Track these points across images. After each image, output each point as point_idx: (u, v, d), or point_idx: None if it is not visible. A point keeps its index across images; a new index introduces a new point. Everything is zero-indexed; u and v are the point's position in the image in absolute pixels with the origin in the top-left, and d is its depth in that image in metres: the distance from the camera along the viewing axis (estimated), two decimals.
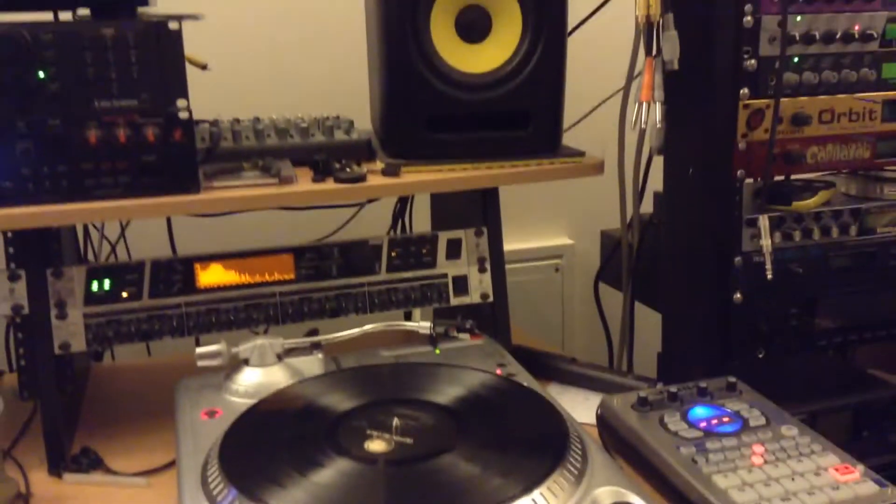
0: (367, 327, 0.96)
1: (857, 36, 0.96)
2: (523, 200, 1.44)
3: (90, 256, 1.25)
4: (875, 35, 0.96)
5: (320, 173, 0.98)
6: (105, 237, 1.26)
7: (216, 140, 0.98)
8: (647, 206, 1.19)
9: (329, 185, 0.96)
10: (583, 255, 1.58)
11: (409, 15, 0.97)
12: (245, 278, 0.99)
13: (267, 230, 1.20)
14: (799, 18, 0.94)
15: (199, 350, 0.92)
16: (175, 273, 0.97)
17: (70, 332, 0.93)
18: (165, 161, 0.89)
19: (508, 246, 1.55)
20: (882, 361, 1.36)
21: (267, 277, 0.99)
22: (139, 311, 0.95)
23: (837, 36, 0.95)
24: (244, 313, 0.98)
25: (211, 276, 0.98)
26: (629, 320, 1.23)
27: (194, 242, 1.16)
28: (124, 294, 0.95)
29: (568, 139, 1.13)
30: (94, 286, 0.94)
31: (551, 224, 1.61)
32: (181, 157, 0.89)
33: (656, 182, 1.10)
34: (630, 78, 1.11)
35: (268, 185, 0.95)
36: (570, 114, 1.13)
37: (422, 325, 0.98)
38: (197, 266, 0.97)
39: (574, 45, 1.08)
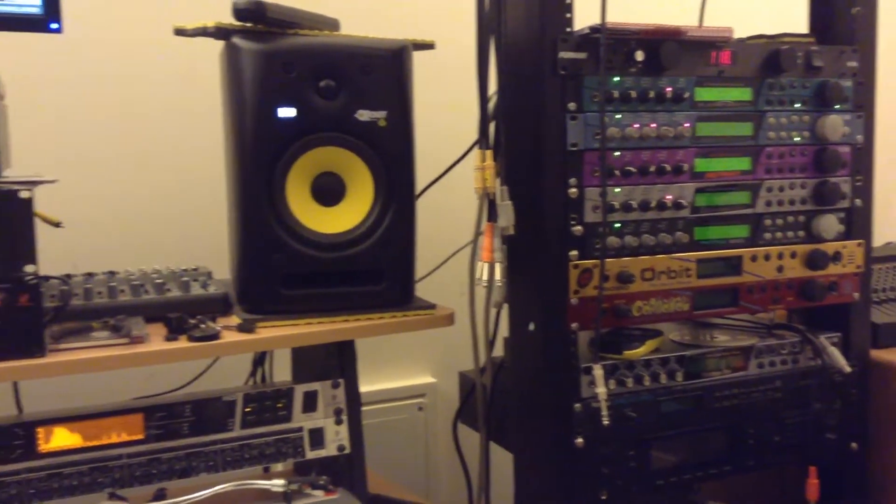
0: (218, 488, 0.95)
1: (669, 205, 1.09)
2: (386, 340, 1.48)
3: None
4: (685, 203, 1.10)
5: (174, 331, 0.99)
6: None
7: (66, 299, 0.98)
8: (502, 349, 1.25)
9: (182, 343, 0.97)
10: (445, 393, 1.63)
11: (265, 180, 1.02)
12: (91, 441, 0.96)
13: (118, 382, 1.17)
14: (618, 190, 1.06)
15: None
16: (15, 438, 0.93)
17: None
18: (10, 326, 0.88)
19: (371, 387, 1.59)
20: (728, 495, 1.45)
21: (115, 439, 0.97)
22: None
23: (652, 205, 1.08)
24: (88, 477, 0.95)
25: (54, 439, 0.95)
26: (485, 462, 1.26)
27: (41, 399, 1.12)
28: None
29: (429, 287, 1.18)
30: None
31: (415, 363, 1.65)
32: (26, 322, 0.89)
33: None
34: (476, 239, 1.19)
35: (117, 346, 0.95)
36: (430, 263, 1.17)
37: (275, 483, 0.98)
38: (39, 430, 0.94)
39: (435, 197, 1.12)
